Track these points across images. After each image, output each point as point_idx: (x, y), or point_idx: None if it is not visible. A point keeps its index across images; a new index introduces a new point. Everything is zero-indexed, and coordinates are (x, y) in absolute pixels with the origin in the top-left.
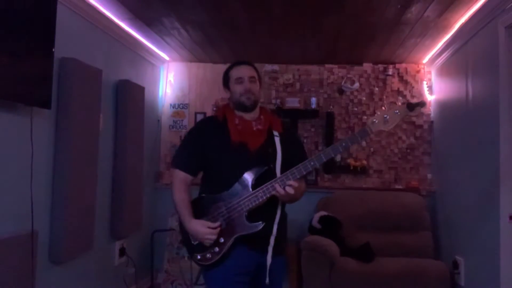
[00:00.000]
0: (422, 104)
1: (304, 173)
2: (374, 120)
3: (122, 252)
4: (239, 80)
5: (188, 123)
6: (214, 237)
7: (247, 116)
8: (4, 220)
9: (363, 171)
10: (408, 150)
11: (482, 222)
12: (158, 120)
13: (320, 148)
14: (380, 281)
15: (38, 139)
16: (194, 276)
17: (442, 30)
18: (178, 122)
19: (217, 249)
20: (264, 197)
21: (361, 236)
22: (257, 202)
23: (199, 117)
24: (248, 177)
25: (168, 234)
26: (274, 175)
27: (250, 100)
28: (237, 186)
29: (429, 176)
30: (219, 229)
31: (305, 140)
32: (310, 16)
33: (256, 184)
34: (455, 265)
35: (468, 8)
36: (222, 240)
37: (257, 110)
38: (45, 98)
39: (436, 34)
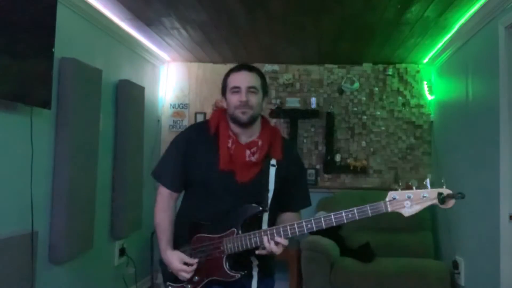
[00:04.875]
0: (460, 196)
1: (297, 234)
2: (395, 196)
3: (122, 252)
4: (236, 90)
5: (188, 123)
6: (188, 275)
7: (244, 134)
8: (4, 220)
9: (363, 171)
10: (408, 150)
11: (482, 222)
12: (158, 120)
13: (320, 148)
14: (380, 281)
15: (38, 139)
16: None
17: (442, 30)
18: (178, 122)
19: (189, 287)
20: (249, 246)
21: (361, 236)
22: (240, 249)
23: (199, 117)
24: (239, 216)
25: None
26: (261, 217)
27: (245, 115)
28: (224, 221)
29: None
30: (195, 266)
31: (305, 140)
32: (310, 16)
33: (245, 224)
34: (455, 265)
35: (468, 8)
36: (196, 279)
37: (257, 125)
38: (45, 98)
39: (436, 34)
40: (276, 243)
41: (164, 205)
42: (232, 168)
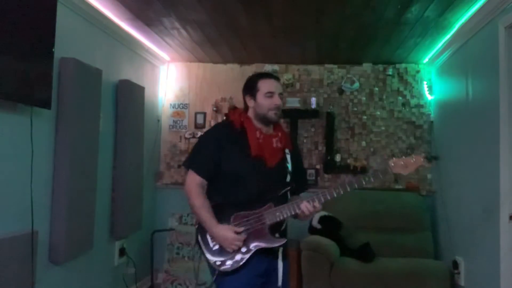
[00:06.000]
0: (434, 158)
1: (329, 198)
2: (392, 164)
3: (122, 252)
4: (270, 95)
5: (188, 123)
6: (240, 243)
7: (264, 129)
8: (4, 220)
9: (363, 171)
10: (408, 150)
11: (482, 222)
12: (158, 120)
13: (320, 148)
14: (380, 281)
15: (38, 139)
16: (197, 277)
17: (442, 30)
18: (178, 122)
19: (239, 257)
20: (289, 214)
21: (361, 236)
22: (281, 217)
23: (199, 117)
24: (274, 192)
25: (168, 234)
26: (286, 193)
27: (277, 116)
28: (260, 199)
29: (429, 176)
30: (244, 236)
31: (305, 140)
32: (310, 16)
33: (273, 199)
34: (455, 265)
35: (468, 8)
36: (244, 249)
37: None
38: (45, 98)
39: (436, 34)
40: (315, 208)
41: (199, 190)
42: (262, 155)
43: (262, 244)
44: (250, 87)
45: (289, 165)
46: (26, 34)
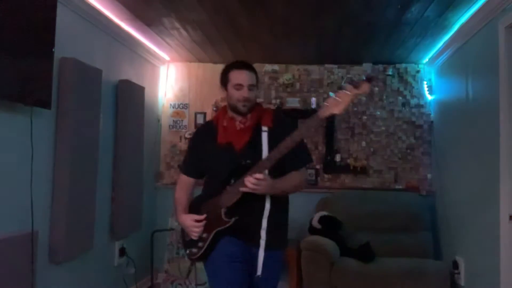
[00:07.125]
0: (368, 79)
1: (269, 165)
2: (326, 103)
3: (122, 252)
4: (238, 87)
5: (188, 123)
6: (198, 229)
7: (238, 116)
8: (4, 220)
9: (363, 171)
10: (408, 150)
11: (482, 222)
12: (158, 120)
13: (320, 148)
14: (380, 281)
15: (38, 139)
16: (194, 276)
17: (442, 30)
18: (178, 122)
19: (200, 243)
20: (238, 192)
21: (361, 236)
22: (233, 197)
23: (199, 117)
24: (230, 174)
25: (168, 234)
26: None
27: (245, 108)
28: (222, 184)
29: (429, 176)
30: (204, 222)
31: (305, 140)
32: (310, 16)
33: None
34: (455, 265)
35: (468, 8)
36: (204, 235)
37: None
38: (45, 98)
39: (436, 34)
40: (257, 179)
41: (181, 186)
42: (229, 140)
43: (217, 227)
44: (222, 78)
45: (264, 144)
46: (26, 34)
